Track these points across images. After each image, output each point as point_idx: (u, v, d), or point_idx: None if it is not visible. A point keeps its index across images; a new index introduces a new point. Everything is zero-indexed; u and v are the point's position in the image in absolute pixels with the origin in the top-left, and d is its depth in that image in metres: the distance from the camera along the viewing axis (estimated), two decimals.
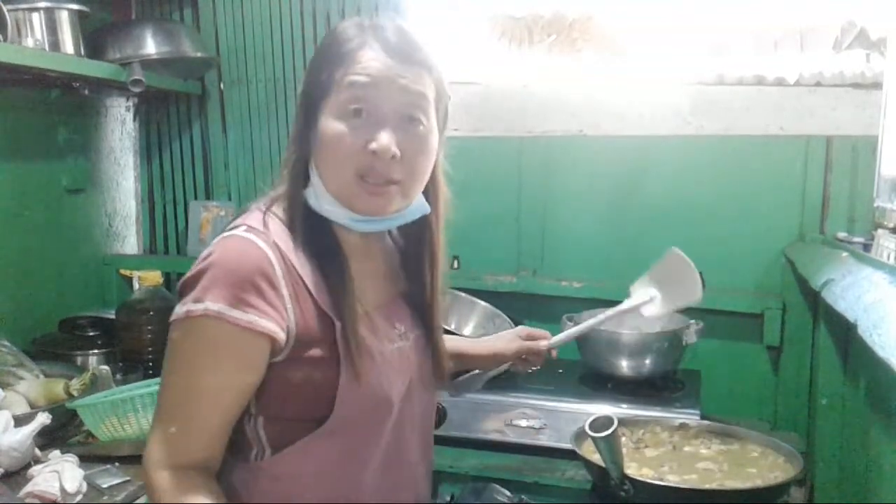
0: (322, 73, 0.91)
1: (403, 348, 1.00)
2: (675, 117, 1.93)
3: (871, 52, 1.82)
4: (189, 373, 0.88)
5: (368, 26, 0.92)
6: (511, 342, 1.29)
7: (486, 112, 2.05)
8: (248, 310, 0.85)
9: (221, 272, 0.86)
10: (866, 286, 1.03)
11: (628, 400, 1.63)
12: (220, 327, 0.85)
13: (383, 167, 0.89)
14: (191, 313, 0.85)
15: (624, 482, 1.18)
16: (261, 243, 0.88)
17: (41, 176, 1.98)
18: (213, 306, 0.84)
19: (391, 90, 0.89)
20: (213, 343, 0.86)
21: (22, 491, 1.25)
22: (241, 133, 2.19)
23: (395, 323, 1.00)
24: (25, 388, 1.55)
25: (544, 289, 1.96)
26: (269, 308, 0.86)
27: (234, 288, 0.85)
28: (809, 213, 1.82)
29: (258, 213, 0.94)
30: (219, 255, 0.88)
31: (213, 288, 0.85)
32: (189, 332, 0.87)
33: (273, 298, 0.87)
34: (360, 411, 0.92)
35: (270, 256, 0.88)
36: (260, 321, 0.86)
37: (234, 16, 2.15)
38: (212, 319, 0.85)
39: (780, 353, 1.83)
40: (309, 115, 0.92)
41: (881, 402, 1.11)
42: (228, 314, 0.84)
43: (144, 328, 1.85)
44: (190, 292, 0.87)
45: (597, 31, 1.98)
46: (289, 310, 0.88)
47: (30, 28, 1.67)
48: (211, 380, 0.88)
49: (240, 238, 0.89)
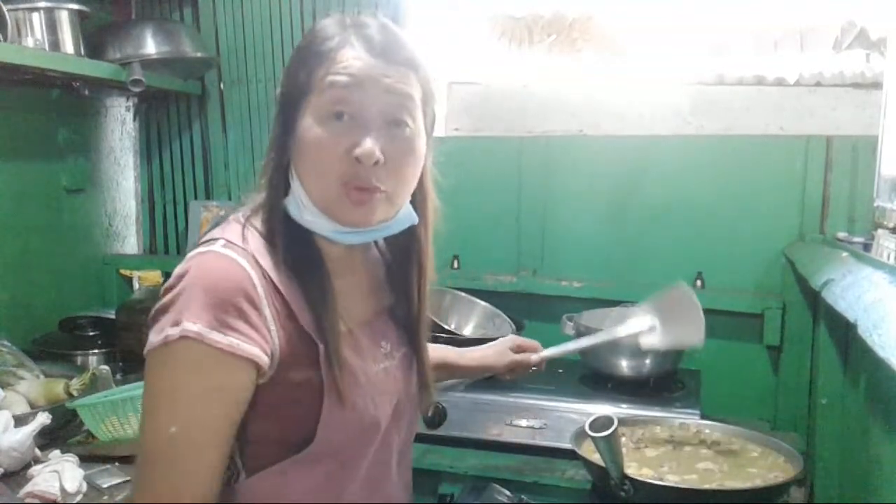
0: (300, 72, 0.85)
1: (389, 368, 0.94)
2: (675, 117, 1.93)
3: (871, 52, 1.82)
4: (175, 406, 0.78)
5: (350, 24, 0.86)
6: (502, 355, 1.26)
7: (486, 112, 2.05)
8: (229, 333, 0.78)
9: (198, 292, 0.78)
10: (866, 286, 1.02)
11: (628, 400, 1.62)
12: (201, 350, 0.77)
13: (367, 174, 0.83)
14: (168, 338, 0.77)
15: (624, 482, 1.18)
16: (241, 260, 0.81)
17: (41, 176, 1.98)
18: (192, 327, 0.77)
19: (375, 91, 0.83)
20: (195, 368, 0.78)
21: (22, 491, 1.25)
22: (241, 133, 2.20)
23: (381, 341, 0.95)
24: (25, 388, 1.55)
25: (544, 289, 1.96)
26: (252, 331, 0.79)
27: (213, 309, 0.78)
28: (809, 213, 1.82)
29: (237, 225, 0.87)
30: (195, 273, 0.80)
31: (191, 308, 0.78)
32: (167, 359, 0.79)
33: (255, 320, 0.80)
34: (345, 436, 0.87)
35: (252, 275, 0.81)
36: (242, 345, 0.78)
37: (234, 16, 2.15)
38: (191, 342, 0.77)
39: (780, 352, 1.83)
40: (287, 118, 0.86)
41: (881, 402, 1.10)
42: (208, 336, 0.77)
43: (144, 328, 1.82)
44: (163, 317, 0.79)
45: (597, 31, 1.98)
46: (272, 332, 0.81)
47: (30, 28, 1.67)
48: (201, 410, 0.79)
49: (218, 255, 0.82)
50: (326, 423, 0.84)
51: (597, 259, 1.98)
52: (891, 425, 1.04)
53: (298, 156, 0.85)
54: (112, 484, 1.32)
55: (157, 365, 0.80)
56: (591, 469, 1.28)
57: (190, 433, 0.79)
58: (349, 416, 0.86)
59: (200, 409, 0.79)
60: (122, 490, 1.31)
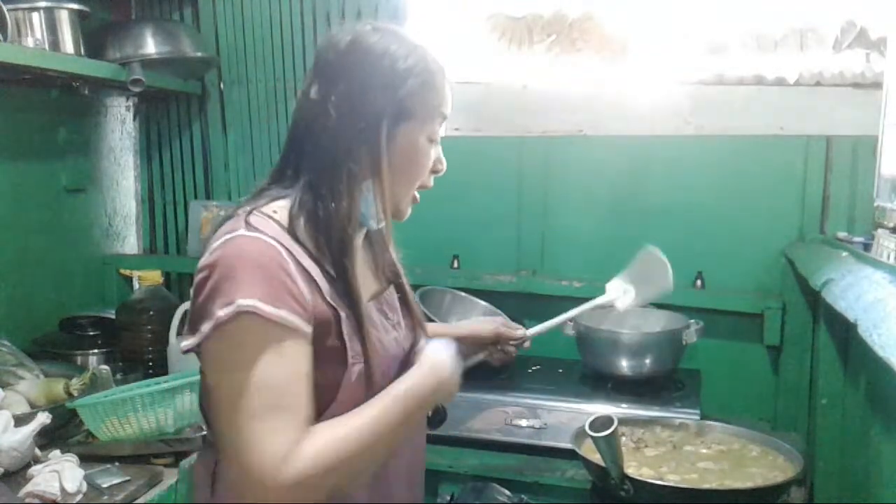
0: (407, 97, 0.95)
1: (398, 338, 1.03)
2: (675, 117, 1.93)
3: (871, 51, 1.82)
4: (252, 374, 0.83)
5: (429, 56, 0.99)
6: (487, 323, 1.34)
7: (486, 112, 2.05)
8: (280, 306, 0.84)
9: (241, 271, 0.84)
10: (866, 286, 1.02)
11: (628, 400, 1.63)
12: (257, 323, 0.83)
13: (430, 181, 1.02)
14: (221, 320, 0.82)
15: (624, 482, 1.18)
16: (269, 240, 0.88)
17: (41, 175, 1.98)
18: (245, 301, 0.82)
19: None
20: (255, 338, 0.83)
21: (22, 491, 1.25)
22: (241, 133, 2.19)
23: (388, 313, 1.04)
24: (25, 388, 1.55)
25: (544, 288, 1.96)
26: (295, 303, 0.86)
27: (261, 284, 0.84)
28: (809, 212, 1.82)
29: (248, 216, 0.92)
30: (231, 258, 0.86)
31: (239, 287, 0.83)
32: (228, 338, 0.84)
33: (296, 292, 0.87)
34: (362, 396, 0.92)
35: (281, 251, 0.88)
36: (292, 318, 0.85)
37: (234, 15, 2.15)
38: (246, 316, 0.82)
39: (780, 352, 1.83)
40: (372, 129, 0.94)
41: (881, 402, 1.11)
42: (264, 309, 0.83)
43: (144, 328, 1.85)
44: (210, 305, 0.84)
45: (597, 31, 1.98)
46: (308, 301, 0.88)
47: (30, 28, 1.66)
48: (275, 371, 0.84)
49: (246, 237, 0.88)
50: (348, 388, 0.91)
51: (597, 259, 1.97)
52: (891, 425, 1.04)
53: (397, 165, 0.97)
54: (112, 484, 1.32)
55: (217, 348, 0.85)
56: (591, 469, 1.28)
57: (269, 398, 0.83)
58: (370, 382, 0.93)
59: (272, 370, 0.84)
60: (122, 490, 1.31)
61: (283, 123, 2.14)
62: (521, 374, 1.80)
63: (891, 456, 1.03)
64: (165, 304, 1.89)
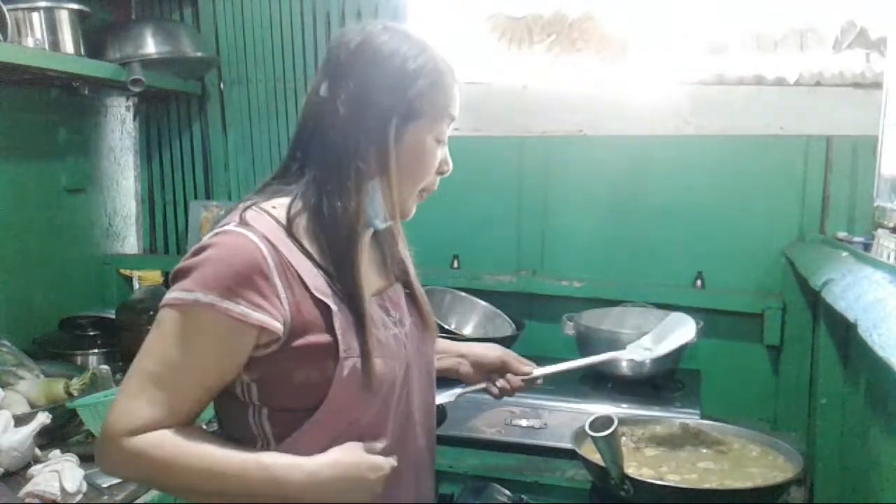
0: (417, 97, 0.96)
1: (399, 335, 1.02)
2: (675, 117, 1.92)
3: (871, 51, 1.82)
4: (178, 350, 0.88)
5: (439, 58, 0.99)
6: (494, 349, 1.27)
7: (486, 112, 2.04)
8: (239, 301, 0.87)
9: (214, 266, 0.88)
10: (866, 286, 1.02)
11: (628, 399, 1.63)
12: (210, 316, 0.87)
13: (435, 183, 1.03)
14: (180, 300, 0.88)
15: (624, 482, 1.18)
16: (253, 237, 0.91)
17: (41, 176, 1.98)
18: (205, 297, 0.87)
19: None
20: (198, 328, 0.88)
21: (22, 491, 1.25)
22: (241, 133, 2.19)
23: (391, 310, 1.04)
24: (25, 388, 1.55)
25: (544, 288, 1.96)
26: (263, 300, 0.89)
27: (227, 280, 0.87)
28: (809, 212, 1.82)
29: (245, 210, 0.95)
30: (213, 250, 0.90)
31: (206, 280, 0.87)
32: (178, 316, 0.89)
33: (266, 290, 0.89)
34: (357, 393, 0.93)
35: (263, 249, 0.90)
36: (251, 313, 0.88)
37: (234, 16, 2.15)
38: (202, 308, 0.87)
39: (780, 352, 1.83)
40: (381, 128, 0.95)
41: (881, 402, 1.10)
42: (220, 304, 0.87)
43: (144, 328, 1.80)
44: (181, 281, 0.89)
45: (597, 32, 1.98)
46: (283, 299, 0.90)
47: (30, 28, 1.67)
48: (198, 360, 0.89)
49: (233, 233, 0.91)
50: (341, 383, 0.92)
51: (597, 259, 1.98)
52: (891, 425, 1.04)
53: (403, 164, 0.97)
54: (112, 484, 1.32)
55: (167, 317, 0.89)
56: (591, 469, 1.27)
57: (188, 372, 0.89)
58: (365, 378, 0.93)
59: (200, 359, 0.89)
60: (122, 490, 1.31)
61: (283, 123, 2.14)
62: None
63: (890, 456, 1.03)
64: None
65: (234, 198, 2.21)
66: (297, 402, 0.93)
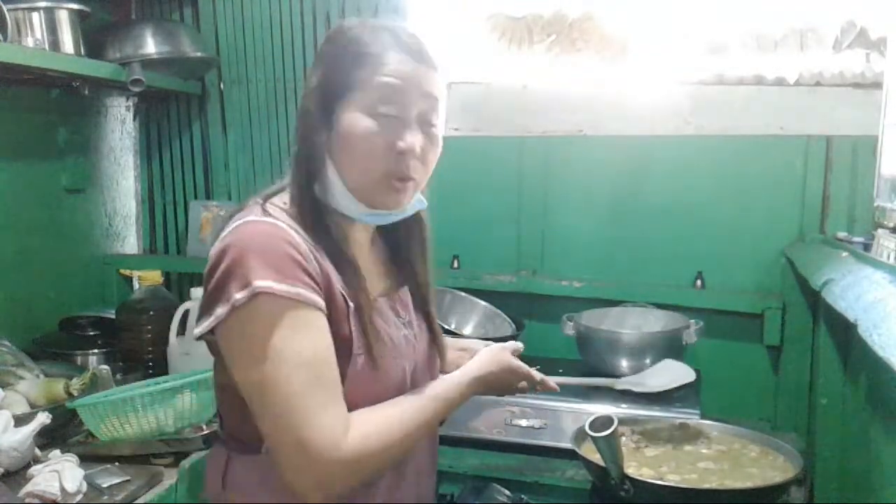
0: (341, 72, 0.93)
1: (409, 336, 1.03)
2: (675, 117, 1.92)
3: (871, 51, 1.81)
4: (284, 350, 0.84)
5: (381, 28, 0.95)
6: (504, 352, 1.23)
7: (486, 112, 2.04)
8: (295, 283, 0.85)
9: (253, 255, 0.85)
10: (866, 286, 1.02)
11: (628, 399, 1.62)
12: (274, 302, 0.83)
13: (406, 165, 0.93)
14: (238, 303, 0.83)
15: (624, 482, 1.18)
16: (279, 223, 0.89)
17: (41, 176, 1.97)
18: (261, 283, 0.83)
19: (416, 93, 0.93)
20: (274, 318, 0.83)
21: (22, 491, 1.25)
22: (241, 133, 2.19)
23: (400, 311, 1.03)
24: (25, 388, 1.54)
25: (544, 289, 1.96)
26: (309, 279, 0.87)
27: (274, 265, 0.84)
28: (809, 212, 1.82)
29: (258, 207, 0.94)
30: (243, 242, 0.86)
31: (253, 271, 0.83)
32: (247, 321, 0.84)
33: (310, 269, 0.87)
34: (371, 393, 0.93)
35: (292, 234, 0.89)
36: (308, 294, 0.86)
37: (234, 15, 2.15)
38: (262, 297, 0.83)
39: (780, 352, 1.83)
40: (325, 113, 0.93)
41: (881, 402, 1.10)
42: (278, 288, 0.83)
43: (144, 328, 1.85)
44: (224, 290, 0.84)
45: (596, 32, 1.98)
46: (321, 283, 0.89)
47: (30, 28, 1.66)
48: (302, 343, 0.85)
49: (257, 222, 0.89)
50: (354, 379, 0.91)
51: (597, 259, 1.97)
52: (891, 425, 1.04)
53: (342, 146, 0.93)
54: (112, 484, 1.31)
55: (238, 332, 0.85)
56: (591, 469, 1.27)
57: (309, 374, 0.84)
58: (377, 375, 0.93)
59: (299, 343, 0.85)
60: (122, 490, 1.30)
61: (284, 123, 2.14)
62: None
63: (891, 456, 1.03)
64: (165, 304, 1.89)
65: (234, 198, 2.21)
66: None
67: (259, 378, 0.85)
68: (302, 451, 0.83)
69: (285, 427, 0.84)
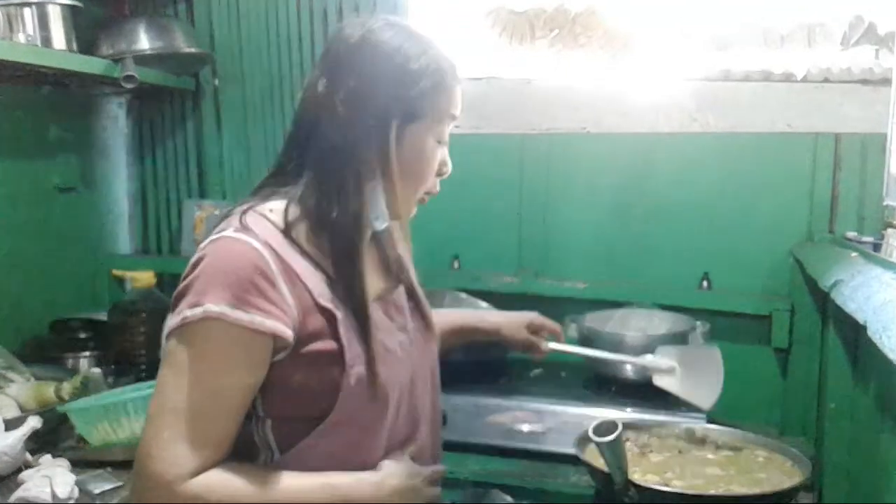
0: (407, 92, 0.94)
1: (404, 341, 1.02)
2: (680, 114, 1.90)
3: (880, 47, 1.80)
4: (200, 377, 0.86)
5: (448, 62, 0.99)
6: (517, 331, 1.36)
7: (487, 109, 2.02)
8: (250, 310, 0.85)
9: (217, 274, 0.86)
10: (876, 287, 1.01)
11: (633, 404, 1.60)
12: (222, 329, 0.84)
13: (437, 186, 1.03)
14: (187, 319, 0.85)
15: (628, 488, 1.16)
16: (254, 242, 0.89)
17: (32, 174, 1.96)
18: (214, 308, 0.84)
19: None
20: (216, 345, 0.85)
21: (12, 496, 1.24)
22: (235, 131, 2.17)
23: (394, 315, 1.03)
24: (16, 392, 1.54)
25: (547, 289, 1.93)
26: (272, 306, 0.87)
27: (233, 288, 0.85)
28: (818, 212, 1.79)
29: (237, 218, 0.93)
30: (212, 257, 0.87)
31: (211, 290, 0.85)
32: (189, 339, 0.86)
33: (273, 296, 0.87)
34: (364, 400, 0.92)
35: (265, 254, 0.88)
36: (265, 321, 0.86)
37: (228, 11, 2.12)
38: (213, 321, 0.84)
39: (788, 355, 1.81)
40: (379, 128, 0.94)
41: (891, 406, 1.09)
42: (231, 315, 0.84)
43: (137, 330, 1.83)
44: (181, 301, 0.87)
45: (600, 26, 1.96)
46: (290, 305, 0.89)
47: (21, 23, 1.65)
48: (223, 382, 0.86)
49: (230, 239, 0.89)
50: (346, 389, 0.91)
51: (600, 259, 1.96)
52: None
53: (401, 166, 0.96)
54: (104, 489, 1.31)
55: (178, 345, 0.86)
56: (595, 475, 1.26)
57: (209, 402, 0.86)
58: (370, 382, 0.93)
59: (223, 380, 0.87)
60: (114, 495, 1.30)
61: (279, 121, 2.11)
62: (524, 378, 1.78)
63: None
64: (158, 306, 1.86)
65: (228, 197, 2.19)
66: (302, 412, 0.92)
67: (160, 386, 0.87)
68: (142, 471, 0.85)
69: (144, 442, 0.86)
